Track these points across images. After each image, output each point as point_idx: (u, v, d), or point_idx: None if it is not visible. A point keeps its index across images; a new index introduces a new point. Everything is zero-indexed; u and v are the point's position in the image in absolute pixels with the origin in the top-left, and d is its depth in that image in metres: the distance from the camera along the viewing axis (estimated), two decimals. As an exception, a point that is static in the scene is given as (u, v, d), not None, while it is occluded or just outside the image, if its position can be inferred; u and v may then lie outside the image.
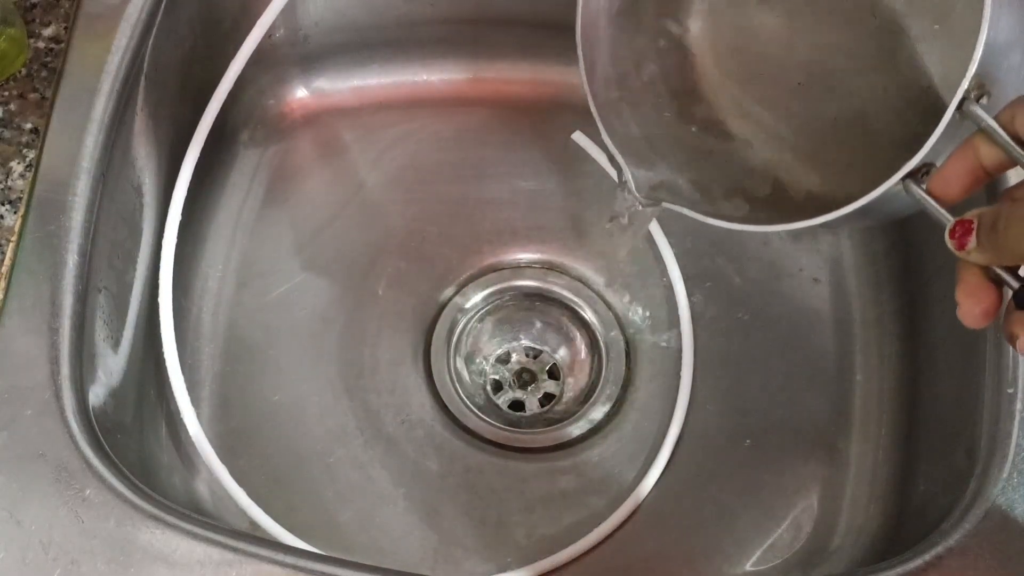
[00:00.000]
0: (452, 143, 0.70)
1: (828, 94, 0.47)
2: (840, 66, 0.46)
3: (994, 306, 0.34)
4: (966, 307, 0.35)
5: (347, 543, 0.57)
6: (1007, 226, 0.32)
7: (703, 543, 0.58)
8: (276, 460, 0.60)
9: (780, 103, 0.48)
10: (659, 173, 0.47)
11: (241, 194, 0.67)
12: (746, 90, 0.49)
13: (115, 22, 0.55)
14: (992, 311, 0.34)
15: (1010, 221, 0.32)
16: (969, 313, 0.35)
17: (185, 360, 0.58)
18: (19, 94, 0.54)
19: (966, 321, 0.35)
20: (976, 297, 0.34)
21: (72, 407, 0.46)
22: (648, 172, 0.47)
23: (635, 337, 0.64)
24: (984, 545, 0.45)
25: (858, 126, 0.46)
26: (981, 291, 0.34)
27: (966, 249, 0.34)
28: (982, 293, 0.34)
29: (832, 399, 0.62)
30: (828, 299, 0.65)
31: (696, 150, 0.49)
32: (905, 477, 0.57)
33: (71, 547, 0.43)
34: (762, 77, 0.49)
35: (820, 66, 0.47)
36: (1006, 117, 0.34)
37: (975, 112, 0.34)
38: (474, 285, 0.66)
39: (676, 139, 0.49)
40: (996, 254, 0.33)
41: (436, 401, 0.62)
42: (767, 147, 0.48)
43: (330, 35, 0.69)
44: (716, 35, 0.50)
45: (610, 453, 0.61)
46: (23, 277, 0.49)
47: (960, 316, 0.35)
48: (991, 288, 0.34)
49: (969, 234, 0.34)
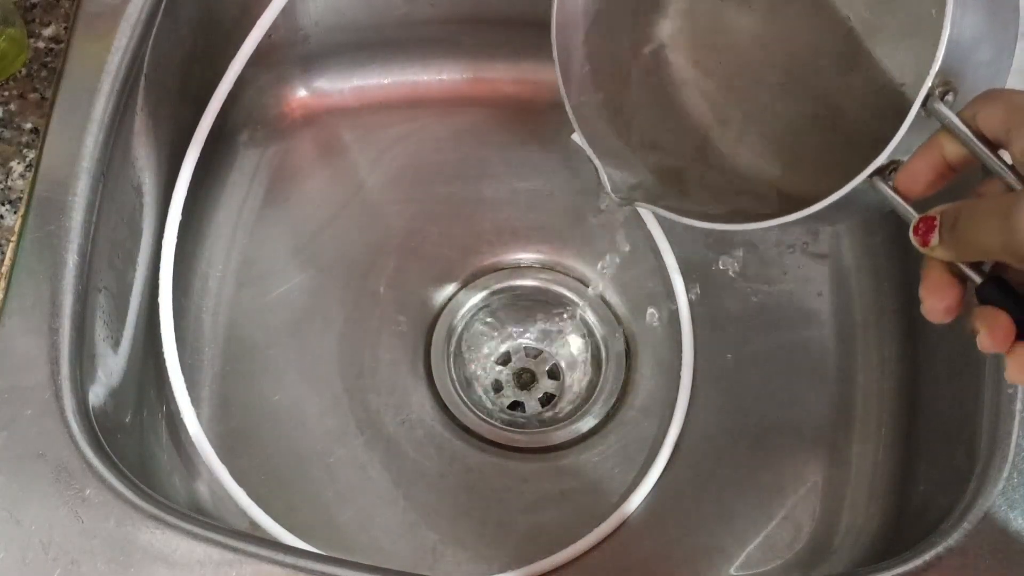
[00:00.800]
0: (452, 143, 0.70)
1: (806, 93, 0.47)
2: (816, 66, 0.47)
3: (957, 302, 0.35)
4: (929, 303, 0.35)
5: (347, 543, 0.57)
6: (967, 223, 0.33)
7: (703, 543, 0.58)
8: (276, 460, 0.60)
9: (758, 103, 0.48)
10: (636, 174, 0.47)
11: (241, 194, 0.67)
12: (724, 90, 0.49)
13: (115, 22, 0.55)
14: (955, 307, 0.35)
15: (970, 218, 0.33)
16: (932, 309, 0.35)
17: (185, 360, 0.58)
18: (19, 94, 0.54)
19: (930, 317, 0.35)
20: (940, 294, 0.35)
21: (72, 407, 0.46)
22: (624, 173, 0.47)
23: (635, 337, 0.64)
24: (984, 545, 0.45)
25: (834, 124, 0.46)
26: (944, 287, 0.35)
27: (929, 245, 0.34)
28: (945, 290, 0.35)
29: (832, 399, 0.62)
30: (828, 299, 0.65)
31: (673, 150, 0.49)
32: (905, 477, 0.57)
33: (71, 547, 0.43)
34: (740, 77, 0.49)
35: (797, 66, 0.47)
36: (968, 114, 0.34)
37: (939, 110, 0.35)
38: (474, 285, 0.66)
39: (653, 140, 0.49)
40: (958, 250, 0.33)
41: (436, 401, 0.62)
42: (745, 146, 0.48)
43: (330, 35, 0.69)
44: (693, 36, 0.50)
45: (610, 453, 0.61)
46: (23, 277, 0.49)
47: (924, 312, 0.35)
48: (954, 284, 0.35)
49: (932, 231, 0.34)
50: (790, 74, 0.47)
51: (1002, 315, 0.33)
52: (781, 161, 0.47)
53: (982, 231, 0.32)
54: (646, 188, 0.47)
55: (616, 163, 0.47)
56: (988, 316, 0.33)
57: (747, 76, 0.49)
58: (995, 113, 0.33)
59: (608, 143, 0.48)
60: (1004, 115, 0.33)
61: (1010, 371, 0.33)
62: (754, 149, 0.48)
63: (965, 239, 0.33)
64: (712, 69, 0.49)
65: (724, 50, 0.49)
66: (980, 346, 0.33)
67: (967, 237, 0.33)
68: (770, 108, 0.48)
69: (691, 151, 0.49)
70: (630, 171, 0.47)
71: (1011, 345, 0.33)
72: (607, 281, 0.64)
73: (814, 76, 0.47)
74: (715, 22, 0.49)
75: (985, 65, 0.37)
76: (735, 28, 0.49)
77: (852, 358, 0.63)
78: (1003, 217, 0.31)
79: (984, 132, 0.34)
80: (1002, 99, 0.33)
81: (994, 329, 0.33)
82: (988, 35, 0.37)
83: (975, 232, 0.32)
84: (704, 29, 0.50)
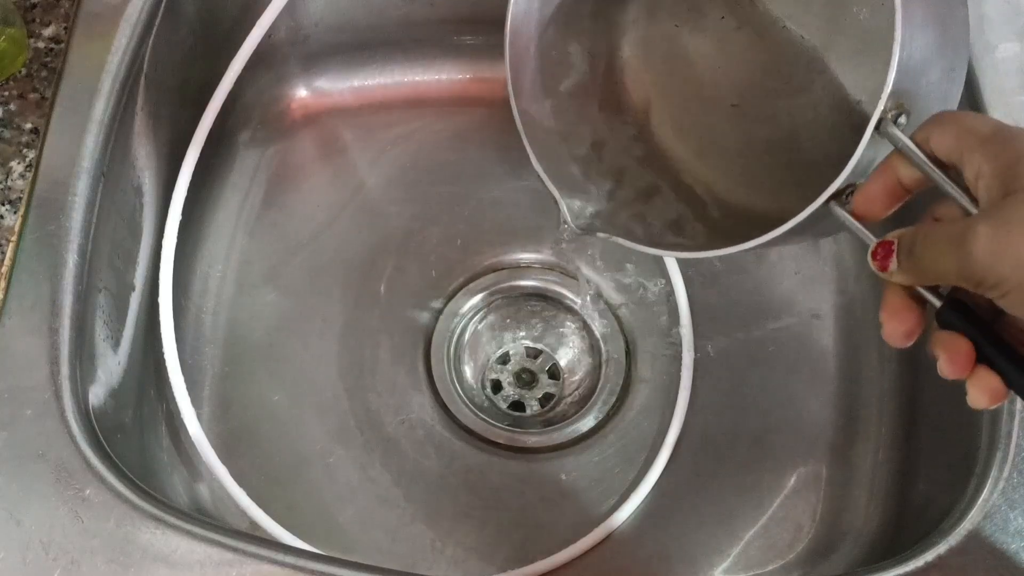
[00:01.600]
0: (452, 143, 0.70)
1: (762, 115, 0.47)
2: (769, 87, 0.47)
3: (917, 326, 0.35)
4: (889, 328, 0.35)
5: (347, 543, 0.57)
6: (923, 249, 0.33)
7: (703, 543, 0.58)
8: (276, 460, 0.60)
9: (715, 125, 0.48)
10: (594, 202, 0.47)
11: (241, 194, 0.67)
12: (681, 113, 0.49)
13: (115, 22, 0.55)
14: (915, 331, 0.35)
15: (926, 244, 0.33)
16: (893, 334, 0.35)
17: (185, 360, 0.58)
18: (19, 94, 0.54)
19: (891, 342, 0.35)
20: (899, 318, 0.35)
21: (72, 407, 0.46)
22: (582, 202, 0.47)
23: (635, 337, 0.64)
24: (984, 545, 0.45)
25: (792, 146, 0.46)
26: (903, 311, 0.35)
27: (888, 271, 0.34)
28: (904, 313, 0.35)
29: (832, 399, 0.62)
30: (829, 299, 0.65)
31: (631, 176, 0.49)
32: (905, 477, 0.57)
33: (71, 547, 0.43)
34: (696, 100, 0.49)
35: (750, 88, 0.47)
36: (921, 137, 0.34)
37: (892, 133, 0.35)
38: (474, 285, 0.66)
39: (611, 165, 0.49)
40: (916, 275, 0.34)
41: (436, 401, 0.62)
42: (703, 169, 0.48)
43: (330, 35, 0.69)
44: (648, 60, 0.50)
45: (610, 453, 0.61)
46: (23, 277, 0.49)
47: (885, 337, 0.35)
48: (913, 308, 0.35)
49: (890, 256, 0.34)
50: (743, 96, 0.48)
51: (961, 341, 0.33)
52: (743, 183, 0.47)
53: (938, 258, 0.32)
54: (604, 216, 0.47)
55: (575, 191, 0.47)
56: (947, 343, 0.33)
57: (703, 99, 0.49)
58: (947, 137, 0.33)
59: (566, 171, 0.47)
60: (956, 139, 0.33)
61: (971, 396, 0.33)
62: (716, 171, 0.48)
63: (922, 265, 0.33)
64: (669, 92, 0.49)
65: (682, 73, 0.49)
66: (940, 372, 0.33)
67: (924, 263, 0.33)
68: (730, 130, 0.48)
69: (651, 176, 0.49)
70: (588, 200, 0.47)
71: (972, 369, 0.33)
72: (607, 281, 0.65)
73: (767, 98, 0.47)
74: (671, 46, 0.49)
75: (935, 85, 0.37)
76: (690, 51, 0.49)
77: (852, 358, 0.63)
78: (956, 244, 0.31)
79: (938, 155, 0.34)
80: (954, 122, 0.33)
81: (953, 356, 0.33)
82: (939, 54, 0.37)
83: (931, 258, 0.32)
84: (661, 53, 0.50)
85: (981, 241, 0.30)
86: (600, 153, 0.49)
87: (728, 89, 0.48)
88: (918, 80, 0.36)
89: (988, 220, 0.31)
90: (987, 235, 0.30)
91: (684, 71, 0.49)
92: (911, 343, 0.35)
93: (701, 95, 0.49)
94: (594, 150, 0.49)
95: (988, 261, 0.30)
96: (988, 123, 0.33)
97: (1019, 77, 0.54)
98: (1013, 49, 0.55)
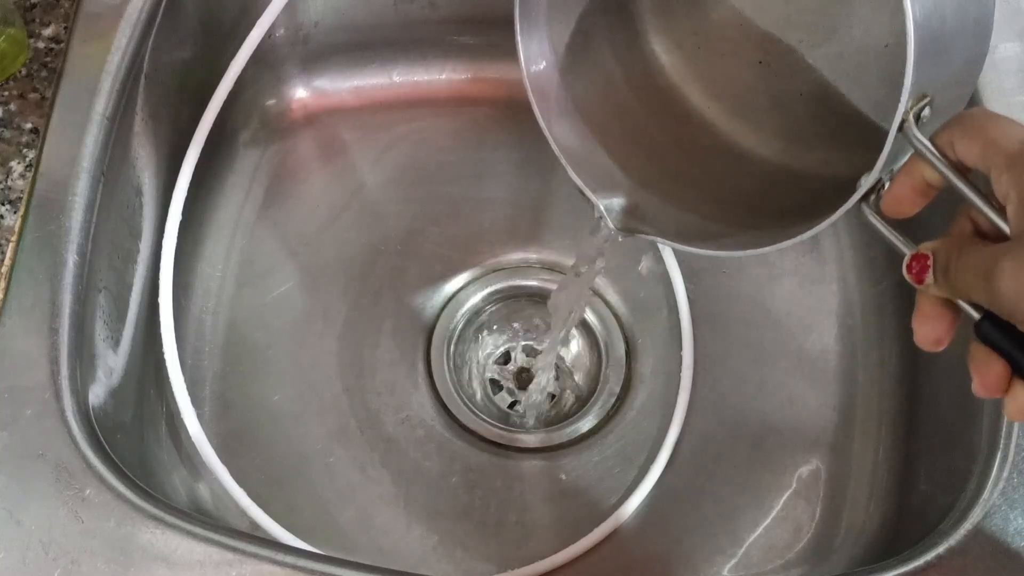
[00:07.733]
0: (452, 143, 0.70)
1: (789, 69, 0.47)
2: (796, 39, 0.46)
3: (947, 333, 0.35)
4: (920, 334, 0.35)
5: (347, 543, 0.57)
6: (957, 274, 0.33)
7: (703, 543, 0.58)
8: (276, 460, 0.60)
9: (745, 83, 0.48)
10: (629, 193, 0.47)
11: (241, 194, 0.67)
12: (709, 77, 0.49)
13: (115, 22, 0.55)
14: (945, 338, 0.35)
15: (959, 269, 0.33)
16: (924, 340, 0.35)
17: (185, 360, 0.58)
18: (19, 94, 0.54)
19: (923, 346, 0.35)
20: (931, 324, 0.35)
21: (72, 407, 0.46)
22: (618, 196, 0.46)
23: (635, 337, 0.64)
24: (984, 545, 0.45)
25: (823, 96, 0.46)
26: (934, 319, 0.35)
27: (924, 284, 0.34)
28: (935, 321, 0.35)
29: (832, 399, 0.62)
30: (828, 299, 0.65)
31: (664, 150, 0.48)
32: (905, 477, 0.57)
33: (71, 547, 0.43)
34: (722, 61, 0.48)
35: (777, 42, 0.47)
36: (944, 141, 0.34)
37: (916, 140, 0.34)
38: (474, 285, 0.66)
39: (641, 143, 0.48)
40: (952, 294, 0.34)
41: (436, 401, 0.62)
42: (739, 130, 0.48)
43: (330, 35, 0.69)
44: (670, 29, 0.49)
45: (610, 453, 0.61)
46: (23, 277, 0.49)
47: (916, 342, 0.35)
48: (945, 316, 0.35)
49: (926, 271, 0.34)
50: (768, 52, 0.47)
51: (994, 362, 0.33)
52: (779, 138, 0.47)
53: (971, 286, 0.32)
54: (642, 209, 0.46)
55: (608, 187, 0.46)
56: (980, 363, 0.33)
57: (729, 59, 0.48)
58: (973, 147, 0.33)
59: (598, 170, 0.47)
60: (981, 151, 0.33)
61: (1008, 410, 0.33)
62: (748, 130, 0.47)
63: (956, 288, 0.33)
64: (692, 53, 0.49)
65: (702, 32, 0.49)
66: (974, 391, 0.33)
67: (958, 287, 0.33)
68: (757, 88, 0.47)
69: (683, 145, 0.48)
70: (623, 192, 0.47)
71: (1007, 389, 0.33)
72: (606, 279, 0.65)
73: (793, 50, 0.46)
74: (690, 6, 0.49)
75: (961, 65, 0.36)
76: (711, 7, 0.49)
77: (852, 358, 0.63)
78: (984, 278, 0.31)
79: (964, 162, 0.34)
80: (979, 134, 0.33)
81: (984, 378, 0.33)
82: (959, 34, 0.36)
83: (964, 284, 0.33)
84: (680, 14, 0.49)
85: (1007, 277, 0.30)
86: (628, 131, 0.48)
87: (752, 46, 0.47)
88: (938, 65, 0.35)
89: (1012, 256, 0.30)
90: (1012, 271, 0.30)
91: (706, 29, 0.48)
92: (942, 348, 0.35)
93: (727, 56, 0.48)
94: (621, 129, 0.48)
95: (1014, 299, 0.30)
96: (1014, 136, 0.32)
97: (1019, 77, 0.55)
98: (1013, 49, 0.55)
